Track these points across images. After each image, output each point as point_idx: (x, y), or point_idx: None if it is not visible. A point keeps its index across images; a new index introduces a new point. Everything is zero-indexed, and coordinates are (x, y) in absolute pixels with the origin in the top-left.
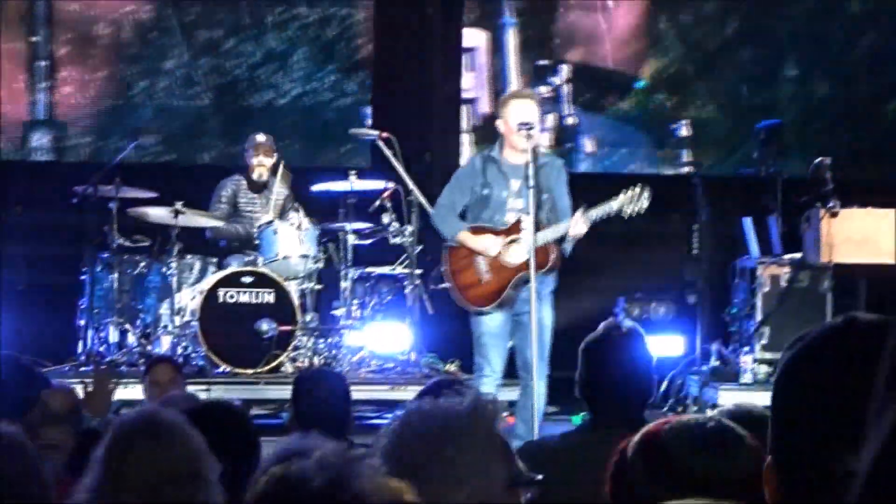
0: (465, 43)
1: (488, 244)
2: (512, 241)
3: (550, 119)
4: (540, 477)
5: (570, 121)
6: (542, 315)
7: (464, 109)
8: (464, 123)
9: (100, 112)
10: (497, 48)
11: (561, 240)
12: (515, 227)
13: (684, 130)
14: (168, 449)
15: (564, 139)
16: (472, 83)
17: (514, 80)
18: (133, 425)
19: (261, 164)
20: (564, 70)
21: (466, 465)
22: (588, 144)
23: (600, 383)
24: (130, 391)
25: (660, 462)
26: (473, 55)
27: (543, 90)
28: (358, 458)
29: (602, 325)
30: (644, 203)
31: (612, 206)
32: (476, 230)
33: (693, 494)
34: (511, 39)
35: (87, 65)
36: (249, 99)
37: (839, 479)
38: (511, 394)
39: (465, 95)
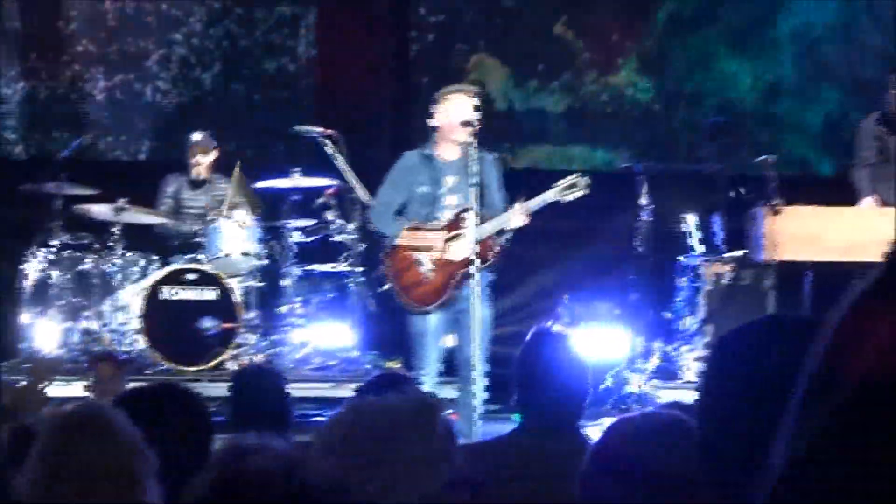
0: None
1: (429, 238)
2: (453, 238)
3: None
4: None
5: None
6: (481, 312)
7: None
8: None
9: (43, 108)
10: None
11: (500, 233)
12: (455, 223)
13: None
14: (104, 444)
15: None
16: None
17: None
18: (69, 421)
19: (198, 163)
20: None
21: (412, 461)
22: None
23: (532, 390)
24: (72, 388)
25: (614, 462)
26: None
27: None
28: (301, 457)
29: (532, 331)
30: (581, 191)
31: (551, 194)
32: (415, 228)
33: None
34: None
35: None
36: (195, 95)
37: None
38: (450, 391)
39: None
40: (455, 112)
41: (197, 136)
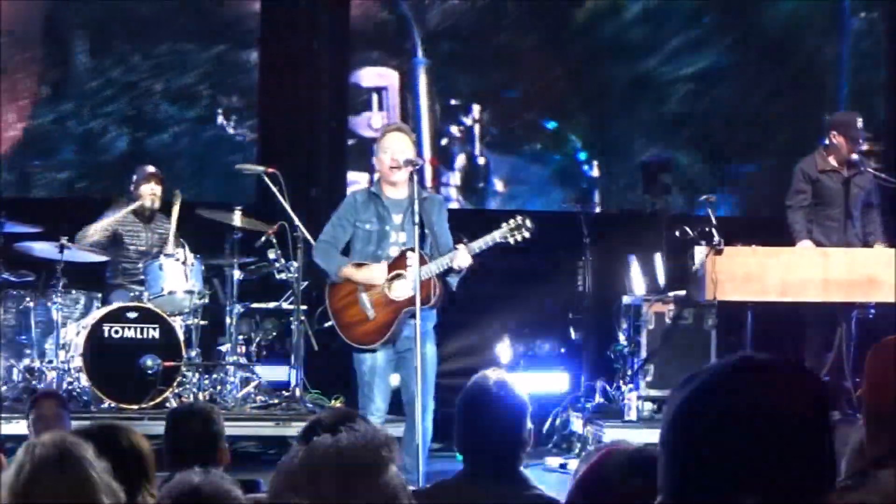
0: (377, 82)
1: (374, 274)
2: (396, 276)
3: (461, 159)
4: None
5: (481, 161)
6: (425, 350)
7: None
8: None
9: None
10: (409, 87)
11: (446, 273)
12: (399, 263)
13: (595, 171)
14: (78, 477)
15: (475, 179)
16: (383, 122)
17: (426, 120)
18: (47, 453)
19: (153, 193)
20: (475, 110)
21: (374, 499)
22: (498, 184)
23: (472, 435)
24: (15, 426)
25: (605, 498)
26: (384, 94)
27: (455, 130)
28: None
29: (472, 380)
30: (526, 233)
31: (495, 236)
32: (358, 266)
33: None
34: (423, 79)
35: None
36: (137, 133)
37: None
38: (396, 430)
39: (375, 135)
40: (392, 150)
41: (151, 168)
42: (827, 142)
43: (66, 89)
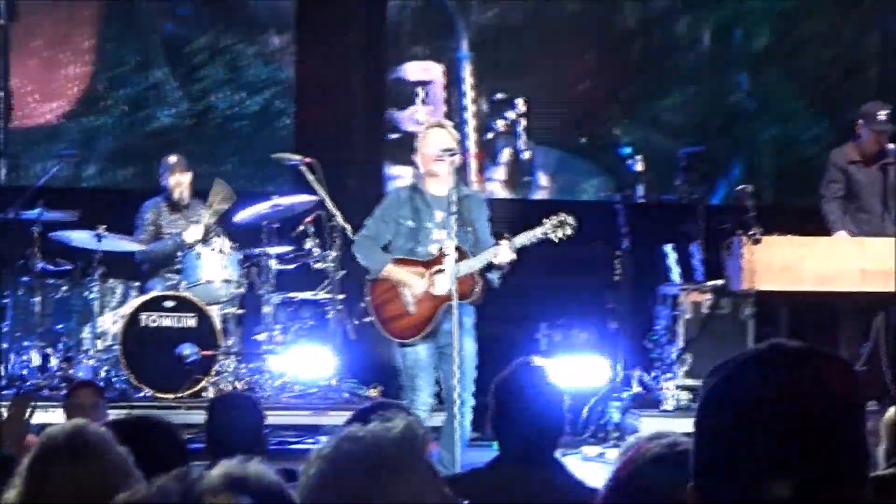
0: (421, 76)
1: (415, 280)
2: (437, 272)
3: (506, 153)
4: None
5: (526, 155)
6: (464, 346)
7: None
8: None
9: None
10: (453, 81)
11: (487, 269)
12: (440, 258)
13: (639, 165)
14: (91, 465)
15: (520, 173)
16: (428, 117)
17: (471, 114)
18: (58, 440)
19: (178, 184)
20: (520, 104)
21: (402, 492)
22: (543, 178)
23: (508, 422)
24: (52, 415)
25: (640, 495)
26: (429, 89)
27: (499, 125)
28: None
29: (507, 368)
30: (568, 230)
31: (537, 232)
32: (401, 262)
33: None
34: (467, 73)
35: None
36: (169, 121)
37: None
38: (440, 419)
39: (420, 130)
40: (432, 143)
41: (173, 158)
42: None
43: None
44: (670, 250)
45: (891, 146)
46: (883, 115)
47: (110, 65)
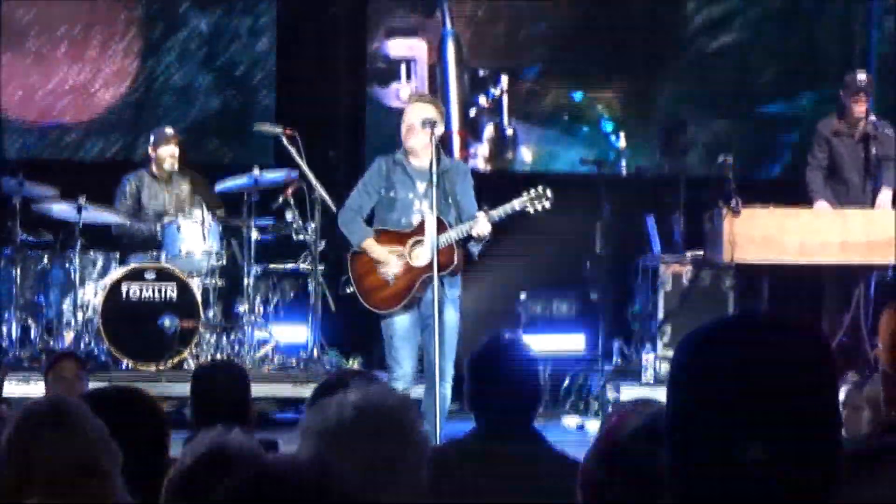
0: (405, 53)
1: (388, 263)
2: (417, 243)
3: (490, 129)
4: None
5: (509, 131)
6: (447, 318)
7: None
8: None
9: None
10: (438, 58)
11: (466, 241)
12: (421, 229)
13: (622, 141)
14: (70, 437)
15: (503, 149)
16: (412, 93)
17: (454, 91)
18: (37, 413)
19: (171, 155)
20: (504, 81)
21: (405, 462)
22: (526, 154)
23: (483, 396)
24: (32, 387)
25: (622, 465)
26: (413, 65)
27: (483, 102)
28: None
29: (486, 338)
30: (546, 202)
31: (514, 205)
32: (383, 233)
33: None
34: (451, 50)
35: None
36: (155, 94)
37: (740, 466)
38: (419, 391)
39: (404, 107)
40: (415, 115)
41: (169, 129)
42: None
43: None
44: (651, 222)
45: (872, 118)
46: (860, 77)
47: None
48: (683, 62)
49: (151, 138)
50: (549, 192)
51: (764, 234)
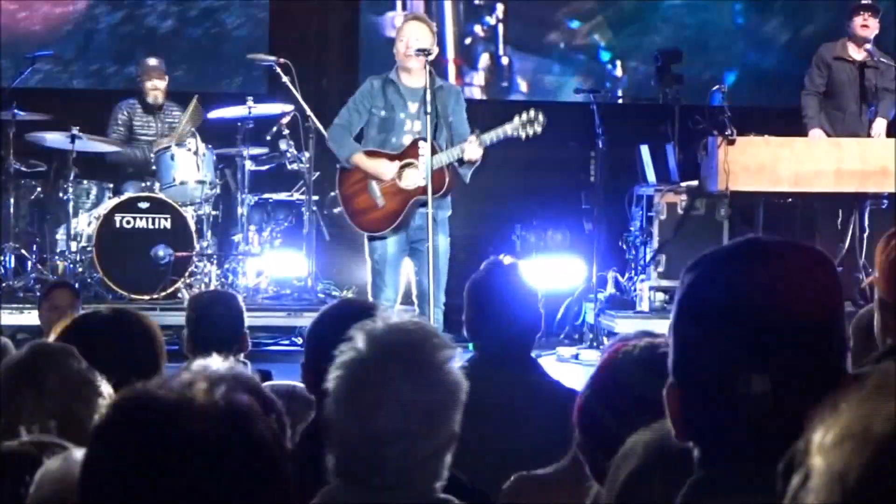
0: None
1: (383, 169)
2: (407, 165)
3: (485, 58)
4: None
5: (504, 60)
6: (437, 242)
7: None
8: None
9: None
10: None
11: (458, 164)
12: (411, 151)
13: (619, 70)
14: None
15: (499, 79)
16: None
17: (450, 19)
18: (20, 365)
19: (155, 88)
20: (499, 9)
21: (444, 409)
22: (522, 84)
23: (484, 322)
24: (27, 316)
25: (619, 394)
26: None
27: (478, 30)
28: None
29: (481, 267)
30: (538, 127)
31: (507, 129)
32: (371, 154)
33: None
34: None
35: None
36: (146, 22)
37: (745, 398)
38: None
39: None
40: (410, 38)
41: (153, 61)
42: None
43: None
44: (645, 151)
45: (869, 46)
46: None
47: None
48: None
49: (141, 68)
50: (541, 117)
51: (758, 163)
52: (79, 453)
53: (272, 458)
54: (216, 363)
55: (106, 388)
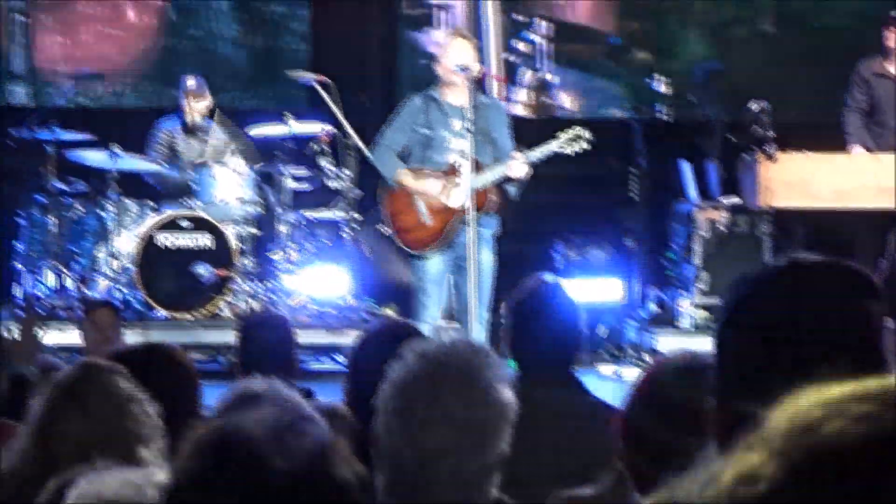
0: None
1: (429, 187)
2: (452, 184)
3: (528, 75)
4: None
5: (547, 76)
6: (482, 258)
7: None
8: None
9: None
10: (474, 3)
11: (504, 181)
12: (456, 169)
13: (663, 87)
14: (102, 409)
15: (542, 95)
16: None
17: (493, 35)
18: (67, 383)
19: (193, 109)
20: (543, 26)
21: (493, 427)
22: (565, 100)
23: (526, 339)
24: (67, 336)
25: (662, 405)
26: (451, 10)
27: (521, 46)
28: (309, 417)
29: (524, 283)
30: (584, 143)
31: (552, 146)
32: (416, 172)
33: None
34: None
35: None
36: (187, 39)
37: None
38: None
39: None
40: (453, 56)
41: (190, 82)
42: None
43: None
44: (686, 167)
45: None
46: None
47: None
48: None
49: (181, 88)
50: (586, 134)
51: (799, 180)
52: (111, 474)
53: (353, 500)
54: (257, 385)
55: (153, 409)
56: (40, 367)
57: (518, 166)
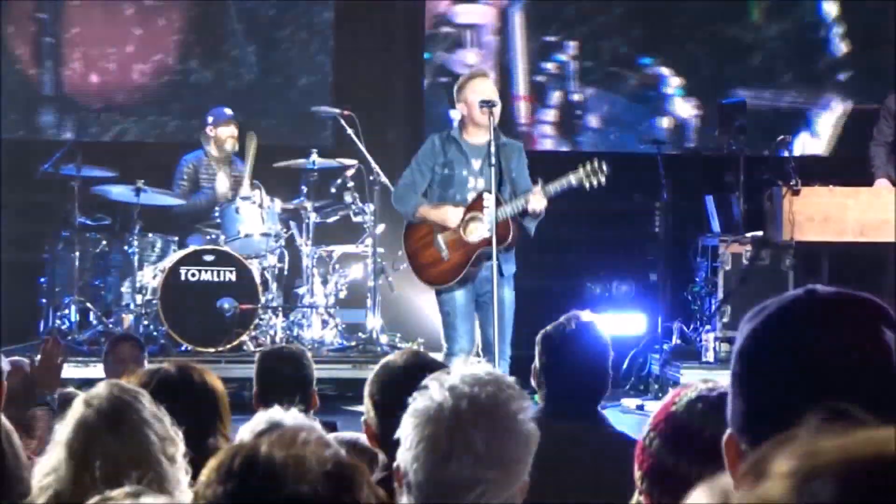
0: (471, 19)
1: (448, 216)
2: (472, 219)
3: (557, 96)
4: None
5: (576, 97)
6: (503, 295)
7: None
8: None
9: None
10: (503, 25)
11: (521, 216)
12: (475, 205)
13: (690, 110)
14: (130, 438)
15: (570, 116)
16: (477, 60)
17: (521, 56)
18: (96, 414)
19: (232, 135)
20: (572, 47)
21: (517, 459)
22: (594, 121)
23: (554, 374)
24: (91, 370)
25: (678, 435)
26: (479, 32)
27: (550, 67)
28: (329, 443)
29: (559, 320)
30: (602, 177)
31: (570, 179)
32: (435, 208)
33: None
34: (518, 16)
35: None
36: (212, 75)
37: None
38: None
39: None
40: (474, 94)
41: (229, 111)
42: None
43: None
44: (710, 201)
45: None
46: None
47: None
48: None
49: (210, 119)
50: (604, 167)
51: (824, 213)
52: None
53: None
54: (279, 415)
55: (180, 428)
56: (60, 398)
57: (537, 199)
